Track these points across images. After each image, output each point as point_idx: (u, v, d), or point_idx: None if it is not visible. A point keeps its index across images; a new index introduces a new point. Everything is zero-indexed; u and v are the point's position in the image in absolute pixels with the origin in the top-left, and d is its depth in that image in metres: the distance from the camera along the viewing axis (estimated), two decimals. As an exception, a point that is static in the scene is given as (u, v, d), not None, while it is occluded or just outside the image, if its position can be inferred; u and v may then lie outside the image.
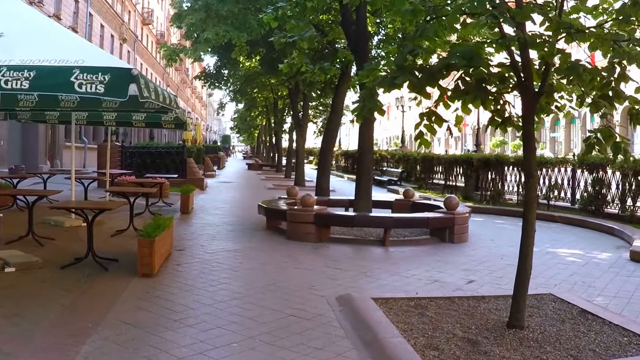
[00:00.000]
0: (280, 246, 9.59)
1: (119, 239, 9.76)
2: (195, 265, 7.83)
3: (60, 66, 5.15)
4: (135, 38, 49.00)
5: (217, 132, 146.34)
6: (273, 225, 11.31)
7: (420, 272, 7.90)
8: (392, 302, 6.07)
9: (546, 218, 14.61)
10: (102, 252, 8.22)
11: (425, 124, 5.59)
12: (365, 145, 12.05)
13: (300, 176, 24.82)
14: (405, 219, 10.48)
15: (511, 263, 8.77)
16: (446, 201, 10.77)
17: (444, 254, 9.40)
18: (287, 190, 13.10)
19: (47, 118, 13.15)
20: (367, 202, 11.87)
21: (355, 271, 7.81)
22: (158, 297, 6.11)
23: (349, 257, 8.98)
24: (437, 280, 7.47)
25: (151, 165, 20.57)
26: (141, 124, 13.19)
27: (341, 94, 17.00)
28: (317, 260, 8.49)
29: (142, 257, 6.94)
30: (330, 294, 6.43)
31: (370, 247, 9.82)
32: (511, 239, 11.35)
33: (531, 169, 5.40)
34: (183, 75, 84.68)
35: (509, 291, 7.03)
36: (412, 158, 25.47)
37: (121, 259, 7.90)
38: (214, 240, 10.05)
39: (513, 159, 16.97)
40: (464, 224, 10.67)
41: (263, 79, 29.05)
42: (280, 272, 7.58)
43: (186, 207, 13.57)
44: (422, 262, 8.66)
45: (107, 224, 11.11)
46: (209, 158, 33.80)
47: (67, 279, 6.78)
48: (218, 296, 6.23)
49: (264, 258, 8.52)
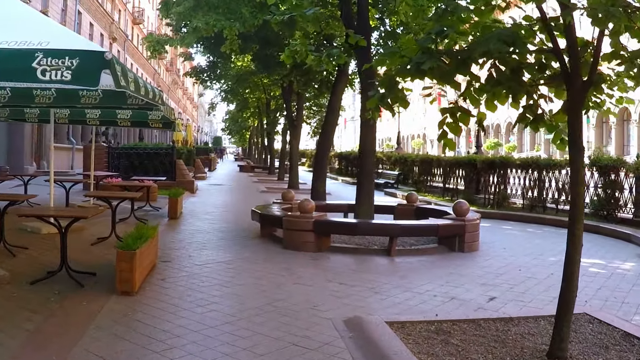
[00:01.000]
0: (276, 257, 8.73)
1: (100, 247, 8.89)
2: (182, 280, 6.97)
3: (20, 49, 4.32)
4: (125, 38, 48.00)
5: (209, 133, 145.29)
6: (268, 233, 10.47)
7: (434, 287, 7.09)
8: (410, 326, 5.24)
9: (555, 223, 13.85)
10: (78, 264, 7.39)
11: (449, 122, 4.79)
12: (366, 147, 11.21)
13: (294, 179, 23.95)
14: (413, 226, 9.65)
15: (531, 275, 8.03)
16: (456, 206, 9.97)
17: (457, 265, 8.59)
18: (282, 195, 12.25)
19: (27, 116, 12.23)
20: (369, 207, 11.03)
21: (361, 286, 6.97)
22: (138, 322, 5.25)
23: (353, 269, 8.13)
24: (455, 297, 6.66)
25: (139, 167, 19.67)
26: (127, 123, 12.35)
27: (338, 92, 16.19)
28: (317, 274, 7.64)
29: (121, 273, 6.08)
30: (336, 316, 5.60)
31: (374, 258, 8.99)
32: (524, 247, 10.61)
33: (579, 174, 4.58)
34: (174, 76, 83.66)
35: (537, 310, 6.29)
36: (410, 160, 24.69)
37: (100, 271, 7.06)
38: (203, 249, 9.17)
39: (519, 161, 16.19)
40: (474, 231, 9.87)
41: (255, 79, 28.19)
42: (278, 289, 6.72)
43: (174, 211, 12.68)
44: (434, 275, 7.84)
45: (89, 230, 10.26)
46: (199, 160, 32.88)
47: (35, 297, 5.92)
48: (207, 319, 5.37)
49: (259, 271, 7.66)
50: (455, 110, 4.78)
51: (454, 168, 19.44)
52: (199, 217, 13.26)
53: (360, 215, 10.86)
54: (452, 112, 4.78)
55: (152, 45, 14.21)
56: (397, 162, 26.30)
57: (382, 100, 4.22)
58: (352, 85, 18.56)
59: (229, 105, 45.28)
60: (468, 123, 4.86)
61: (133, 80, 5.38)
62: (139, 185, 13.91)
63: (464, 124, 4.82)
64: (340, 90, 16.21)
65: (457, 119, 4.77)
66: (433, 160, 22.16)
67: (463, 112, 4.79)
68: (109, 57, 4.16)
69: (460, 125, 4.81)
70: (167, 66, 77.50)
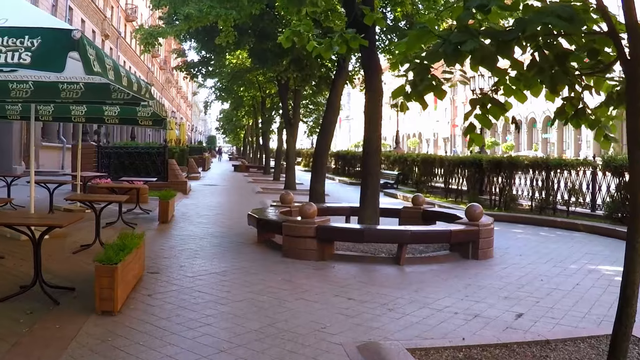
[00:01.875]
0: (275, 266, 7.96)
1: (82, 256, 8.11)
2: (171, 296, 6.20)
3: (-29, 29, 3.56)
4: (118, 35, 47.09)
5: (203, 132, 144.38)
6: (265, 238, 9.71)
7: (453, 301, 6.35)
8: (435, 354, 4.51)
9: (568, 226, 13.18)
10: (56, 277, 6.68)
11: (477, 115, 4.09)
12: (371, 145, 10.44)
13: (290, 179, 23.18)
14: (425, 233, 8.88)
15: (555, 287, 7.31)
16: (469, 210, 9.23)
17: (473, 275, 7.85)
18: (280, 197, 11.47)
19: (8, 113, 11.44)
20: (374, 211, 10.26)
21: (373, 302, 6.22)
22: (118, 349, 4.49)
23: (361, 281, 7.35)
24: (478, 314, 5.92)
25: (130, 167, 18.86)
26: (115, 120, 11.61)
27: (338, 88, 15.45)
28: (323, 287, 6.88)
29: (101, 290, 5.32)
30: (348, 341, 4.85)
31: (382, 267, 8.25)
32: (540, 253, 9.90)
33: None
34: (168, 74, 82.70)
35: (571, 330, 5.56)
36: (410, 159, 23.96)
37: (80, 285, 6.31)
38: (196, 258, 8.39)
39: (527, 160, 15.46)
40: (489, 237, 9.15)
41: (250, 76, 27.42)
42: (280, 306, 5.95)
43: (165, 215, 11.88)
44: (450, 287, 7.10)
45: (72, 237, 9.50)
46: (193, 159, 32.06)
47: (2, 319, 5.15)
48: (198, 347, 4.61)
49: (257, 284, 6.88)
50: (486, 102, 4.09)
51: (458, 168, 18.70)
52: (191, 221, 12.48)
53: (364, 220, 10.10)
54: (482, 104, 4.08)
55: (144, 38, 13.36)
56: (396, 162, 25.55)
57: (414, 88, 3.48)
58: (352, 81, 17.78)
59: (223, 103, 44.48)
60: (499, 116, 4.16)
61: (112, 68, 4.63)
62: (128, 187, 13.14)
63: (495, 118, 4.12)
64: (340, 86, 15.47)
65: (487, 111, 4.08)
66: (435, 159, 21.43)
67: (495, 103, 4.09)
68: (77, 37, 3.40)
69: (490, 118, 4.11)
70: (160, 65, 76.56)
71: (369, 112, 10.36)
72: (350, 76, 17.28)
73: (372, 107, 10.29)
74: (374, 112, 10.29)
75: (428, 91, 3.57)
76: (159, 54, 70.79)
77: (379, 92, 10.35)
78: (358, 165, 32.25)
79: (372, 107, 10.28)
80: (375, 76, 10.33)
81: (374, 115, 10.31)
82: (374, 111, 10.27)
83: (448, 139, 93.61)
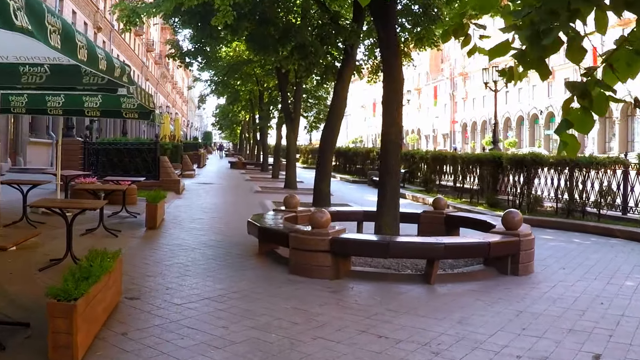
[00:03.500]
0: (282, 288, 6.56)
1: (50, 274, 6.73)
2: (152, 334, 4.81)
3: None
4: (111, 27, 45.54)
5: (199, 128, 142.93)
6: (268, 249, 8.36)
7: (510, 338, 5.01)
8: None
9: (601, 232, 11.87)
10: (12, 304, 5.41)
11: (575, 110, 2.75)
12: (390, 140, 9.00)
13: (291, 177, 21.81)
14: (460, 246, 7.48)
15: (622, 313, 6.00)
16: (507, 217, 7.90)
17: (521, 298, 6.51)
18: (284, 200, 10.08)
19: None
20: (394, 218, 8.85)
21: (411, 342, 4.86)
22: None
23: (389, 308, 5.93)
24: (547, 357, 4.59)
25: (119, 165, 17.45)
26: (96, 112, 10.24)
27: (345, 78, 14.09)
28: (344, 318, 5.50)
29: (55, 335, 3.97)
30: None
31: (410, 287, 6.85)
32: (584, 265, 8.60)
33: None
34: (164, 69, 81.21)
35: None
36: (418, 156, 22.61)
37: (38, 318, 4.92)
38: (186, 276, 6.97)
39: (552, 158, 14.12)
40: (530, 249, 7.82)
41: (247, 69, 25.99)
42: (292, 350, 4.56)
43: (153, 220, 10.45)
44: (499, 315, 5.76)
45: (44, 247, 8.18)
46: (188, 156, 30.64)
47: None
48: None
49: (262, 315, 5.47)
50: (590, 86, 2.71)
51: (474, 166, 17.36)
52: (183, 227, 11.07)
53: (383, 228, 8.68)
54: (583, 90, 2.71)
55: (125, 15, 11.92)
56: (403, 159, 24.18)
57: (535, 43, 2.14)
58: (360, 72, 16.39)
59: (219, 98, 43.02)
60: (605, 111, 2.81)
61: (84, 44, 3.41)
62: (112, 188, 11.77)
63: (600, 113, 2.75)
64: (347, 76, 14.10)
65: (589, 104, 2.71)
66: (447, 157, 20.09)
67: (604, 87, 2.72)
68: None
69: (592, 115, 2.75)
70: (155, 59, 75.04)
71: (387, 102, 8.97)
72: (358, 66, 15.89)
73: (392, 95, 8.89)
74: (393, 101, 8.90)
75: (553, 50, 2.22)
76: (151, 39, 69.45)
77: (400, 78, 8.98)
78: (359, 163, 30.91)
79: (391, 96, 8.89)
80: (394, 59, 8.95)
81: (393, 105, 8.91)
82: (394, 100, 8.87)
83: (447, 135, 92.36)
